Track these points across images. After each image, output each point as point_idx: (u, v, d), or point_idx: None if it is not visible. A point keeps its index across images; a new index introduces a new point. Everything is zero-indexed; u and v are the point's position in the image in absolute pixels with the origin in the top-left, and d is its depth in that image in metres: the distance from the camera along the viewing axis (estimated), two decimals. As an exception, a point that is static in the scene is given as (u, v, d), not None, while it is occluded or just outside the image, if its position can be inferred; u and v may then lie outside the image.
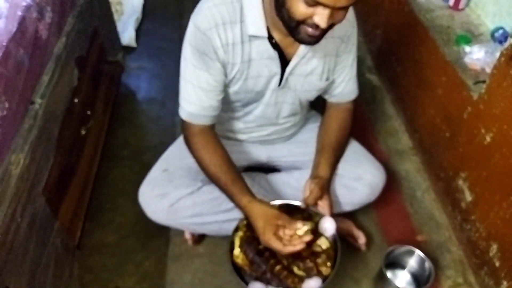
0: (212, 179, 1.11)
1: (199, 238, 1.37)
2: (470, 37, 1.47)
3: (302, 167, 1.30)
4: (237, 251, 1.08)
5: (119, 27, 2.13)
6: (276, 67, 1.06)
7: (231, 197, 1.09)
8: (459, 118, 1.35)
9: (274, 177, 1.37)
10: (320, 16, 0.85)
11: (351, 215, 1.37)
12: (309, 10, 0.85)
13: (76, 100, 1.33)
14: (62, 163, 1.22)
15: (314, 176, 1.15)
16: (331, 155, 1.20)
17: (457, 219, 1.40)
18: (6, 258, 0.88)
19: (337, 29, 1.04)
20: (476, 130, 1.26)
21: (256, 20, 0.98)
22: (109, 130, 1.73)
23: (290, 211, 1.11)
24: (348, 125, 1.28)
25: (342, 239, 1.34)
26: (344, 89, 1.22)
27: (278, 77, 1.08)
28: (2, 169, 0.91)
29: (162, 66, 2.06)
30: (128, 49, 2.20)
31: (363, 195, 1.26)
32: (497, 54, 1.18)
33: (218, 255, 1.34)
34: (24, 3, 1.16)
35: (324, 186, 1.13)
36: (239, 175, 1.11)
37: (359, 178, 1.24)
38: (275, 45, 1.03)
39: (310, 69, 1.10)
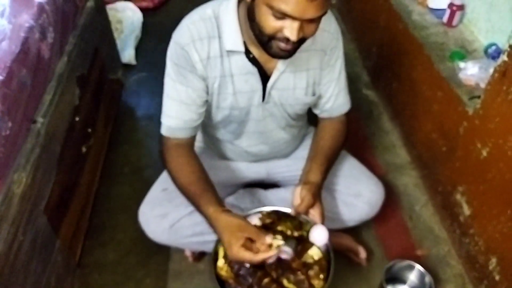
0: (181, 190, 1.08)
1: (200, 255, 1.38)
2: (464, 53, 1.50)
3: (301, 183, 1.31)
4: (221, 262, 1.01)
5: (119, 45, 2.16)
6: (256, 82, 1.06)
7: (198, 208, 1.04)
8: (455, 133, 1.37)
9: (272, 193, 1.37)
10: (290, 29, 0.84)
11: (351, 230, 1.37)
12: (278, 24, 0.85)
13: (77, 119, 1.34)
14: (63, 181, 1.23)
15: (305, 182, 1.09)
16: (324, 162, 1.14)
17: (456, 233, 1.41)
18: (8, 277, 0.89)
19: (319, 41, 1.06)
20: (472, 145, 1.28)
21: (232, 35, 0.99)
22: (109, 147, 1.75)
23: (279, 219, 1.08)
24: (342, 136, 1.23)
25: (342, 255, 1.34)
26: (334, 103, 1.19)
27: (260, 92, 1.08)
28: (5, 188, 0.92)
29: (161, 83, 2.08)
30: (128, 67, 2.23)
31: (362, 212, 1.26)
32: (491, 70, 1.20)
33: (219, 271, 1.34)
34: (27, 24, 1.18)
35: (316, 193, 1.07)
36: (210, 187, 1.06)
37: (358, 195, 1.25)
38: (254, 60, 1.03)
39: (293, 83, 1.09)
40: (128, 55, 2.26)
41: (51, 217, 1.12)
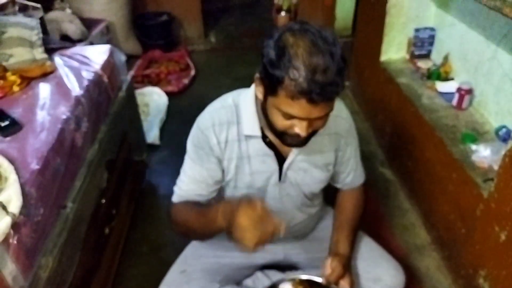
0: (199, 230, 1.07)
1: None
2: (475, 136, 1.54)
3: (319, 265, 1.30)
4: None
5: (145, 126, 2.30)
6: (273, 163, 1.13)
7: (213, 231, 1.02)
8: (472, 215, 1.37)
9: (289, 276, 1.36)
10: (299, 127, 0.93)
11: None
12: (288, 122, 0.93)
13: (103, 201, 1.41)
14: (85, 263, 1.27)
15: (334, 253, 1.17)
16: (350, 233, 1.22)
17: (483, 320, 1.35)
18: None
19: (332, 126, 1.13)
20: (490, 227, 1.27)
21: (250, 121, 1.08)
22: (130, 226, 1.79)
23: (311, 287, 1.13)
24: (362, 203, 1.33)
25: None
26: (354, 177, 1.29)
27: (277, 173, 1.15)
28: (32, 273, 0.96)
29: (183, 163, 2.19)
30: (152, 147, 2.35)
31: (382, 297, 1.24)
32: (503, 152, 1.23)
33: None
34: (64, 116, 1.30)
35: (346, 264, 1.15)
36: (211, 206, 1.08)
37: (377, 279, 1.23)
38: (270, 144, 1.11)
39: (308, 164, 1.16)
40: (153, 135, 2.39)
41: (72, 301, 1.14)
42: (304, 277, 1.16)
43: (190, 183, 1.14)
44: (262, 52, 0.91)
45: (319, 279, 1.14)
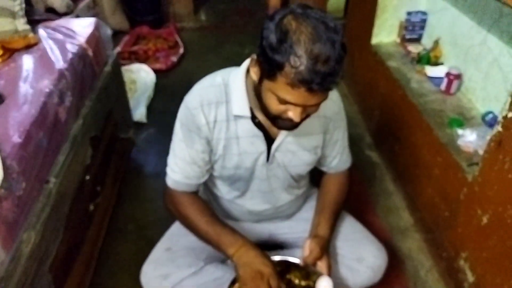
0: (202, 236, 1.15)
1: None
2: (462, 120, 1.55)
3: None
4: None
5: (132, 104, 2.26)
6: (261, 144, 1.13)
7: (221, 251, 1.12)
8: (456, 198, 1.39)
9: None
10: (293, 113, 0.92)
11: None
12: (282, 107, 0.93)
13: (87, 177, 1.39)
14: (69, 240, 1.26)
15: (314, 235, 1.17)
16: (331, 216, 1.22)
17: (461, 301, 1.39)
18: None
19: (322, 109, 1.11)
20: (473, 211, 1.29)
21: (240, 101, 1.07)
22: (116, 204, 1.78)
23: (288, 268, 1.13)
24: (346, 187, 1.33)
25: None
26: (340, 160, 1.29)
27: (265, 154, 1.15)
28: (14, 248, 0.95)
29: (169, 141, 2.16)
30: (138, 125, 2.32)
31: (365, 277, 1.25)
32: (488, 138, 1.24)
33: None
34: (47, 89, 1.27)
35: (324, 246, 1.15)
36: (224, 228, 1.14)
37: (361, 259, 1.25)
38: (259, 125, 1.10)
39: (296, 146, 1.16)
40: (139, 113, 2.36)
41: (55, 276, 1.13)
42: (281, 258, 1.16)
43: (181, 164, 1.14)
44: (262, 34, 0.88)
45: (296, 260, 1.15)
